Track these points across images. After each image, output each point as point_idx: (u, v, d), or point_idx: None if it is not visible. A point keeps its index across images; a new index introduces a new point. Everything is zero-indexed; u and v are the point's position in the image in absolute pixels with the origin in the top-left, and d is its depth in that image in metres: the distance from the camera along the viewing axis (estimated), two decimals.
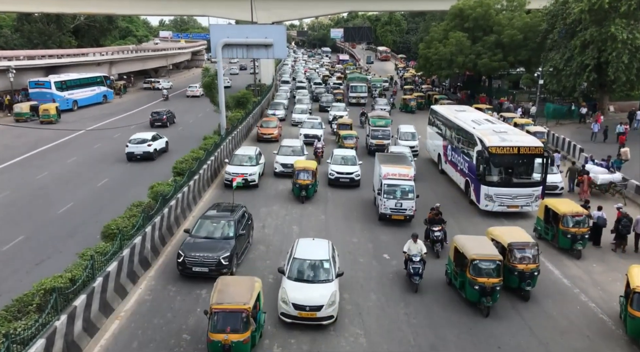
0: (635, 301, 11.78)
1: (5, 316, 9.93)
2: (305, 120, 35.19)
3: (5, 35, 64.87)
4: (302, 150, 26.57)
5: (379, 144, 29.19)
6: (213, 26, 32.34)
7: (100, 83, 52.94)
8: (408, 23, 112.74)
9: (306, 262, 13.29)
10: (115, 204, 19.99)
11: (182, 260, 14.52)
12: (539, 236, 18.24)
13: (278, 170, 25.38)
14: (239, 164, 24.01)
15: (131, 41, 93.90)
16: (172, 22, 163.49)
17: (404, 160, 21.85)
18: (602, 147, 28.91)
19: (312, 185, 21.66)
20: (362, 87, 52.64)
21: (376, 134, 30.43)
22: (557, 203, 17.72)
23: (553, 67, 39.16)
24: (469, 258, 13.23)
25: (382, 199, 19.02)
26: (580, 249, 16.81)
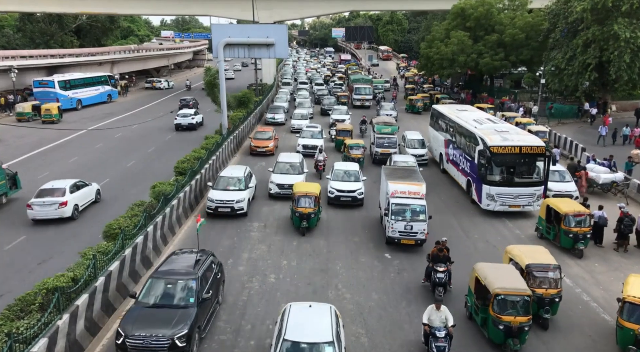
0: (625, 310, 11.44)
1: (8, 315, 9.97)
2: (304, 129, 31.74)
3: (7, 35, 65.01)
4: (302, 167, 23.33)
5: (384, 153, 26.89)
6: (214, 26, 32.36)
7: (105, 82, 53.28)
8: (410, 22, 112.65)
9: (302, 347, 9.79)
10: (117, 204, 20.03)
11: (122, 342, 10.57)
12: (541, 235, 18.23)
13: (273, 192, 22.02)
14: (224, 189, 20.07)
15: (133, 41, 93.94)
16: (174, 21, 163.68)
17: (414, 175, 19.17)
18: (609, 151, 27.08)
19: (314, 213, 18.26)
20: (367, 89, 50.48)
21: (382, 142, 27.90)
22: (558, 202, 17.66)
23: (555, 67, 39.11)
24: (492, 292, 11.41)
25: (390, 221, 16.74)
26: (582, 248, 16.77)
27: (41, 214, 19.09)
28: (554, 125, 36.47)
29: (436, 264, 14.02)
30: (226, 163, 27.01)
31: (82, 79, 50.12)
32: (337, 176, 21.95)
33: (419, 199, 17.16)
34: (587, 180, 22.72)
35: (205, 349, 11.71)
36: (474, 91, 52.53)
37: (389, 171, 19.58)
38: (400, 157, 24.89)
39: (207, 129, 35.03)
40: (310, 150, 28.33)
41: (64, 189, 19.58)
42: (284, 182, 21.85)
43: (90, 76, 51.93)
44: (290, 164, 23.13)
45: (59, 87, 45.90)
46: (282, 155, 24.31)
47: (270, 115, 40.63)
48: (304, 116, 38.82)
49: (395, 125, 30.81)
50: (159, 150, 30.89)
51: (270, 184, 22.25)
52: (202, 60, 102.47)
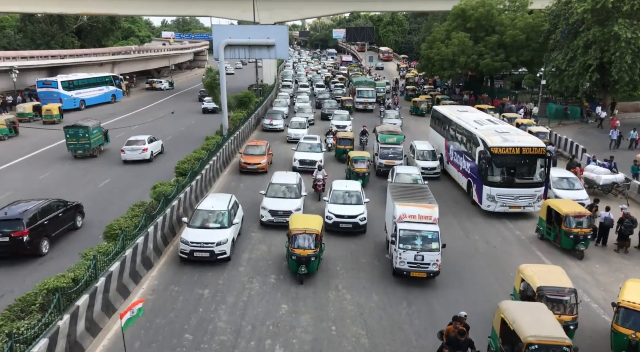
0: (620, 315, 11.24)
1: (9, 316, 9.98)
2: (302, 141, 28.06)
3: (8, 35, 65.11)
4: (299, 189, 19.92)
5: (389, 165, 24.71)
6: (215, 26, 32.37)
7: (109, 83, 53.68)
8: (410, 23, 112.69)
9: None
10: (118, 204, 20.05)
11: None
12: (541, 236, 18.23)
13: (265, 220, 18.66)
14: (201, 226, 16.12)
15: (133, 42, 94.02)
16: (175, 22, 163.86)
17: (425, 195, 16.79)
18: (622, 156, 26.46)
19: (315, 256, 14.72)
20: (370, 92, 48.18)
21: (386, 153, 25.68)
22: (559, 203, 17.65)
23: (555, 68, 39.11)
24: (524, 341, 9.53)
25: (398, 250, 14.51)
26: (582, 249, 16.75)
27: (130, 156, 28.06)
28: (555, 127, 36.47)
29: (454, 348, 10.42)
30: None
31: (86, 79, 50.47)
32: (336, 198, 18.97)
33: (431, 224, 14.95)
34: (588, 181, 22.73)
35: (206, 349, 11.73)
36: (475, 92, 52.53)
37: (396, 190, 17.07)
38: (403, 168, 22.77)
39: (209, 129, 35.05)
40: (308, 166, 25.36)
41: (144, 140, 28.79)
42: (278, 207, 18.65)
43: (94, 76, 52.32)
44: (286, 185, 19.88)
45: (62, 88, 46.27)
46: (277, 176, 20.91)
47: (268, 121, 37.89)
48: (302, 124, 35.10)
49: (400, 134, 27.70)
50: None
51: (262, 210, 18.83)
52: (203, 61, 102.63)
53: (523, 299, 12.10)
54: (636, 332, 10.80)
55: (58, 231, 17.40)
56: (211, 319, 12.95)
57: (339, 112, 38.79)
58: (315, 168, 23.32)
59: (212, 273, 15.39)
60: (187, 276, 15.21)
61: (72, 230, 18.30)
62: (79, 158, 29.01)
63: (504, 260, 16.78)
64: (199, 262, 15.83)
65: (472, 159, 21.94)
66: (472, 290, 14.68)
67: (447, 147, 26.34)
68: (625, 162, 24.63)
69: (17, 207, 16.67)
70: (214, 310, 13.36)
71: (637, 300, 11.20)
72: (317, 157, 26.23)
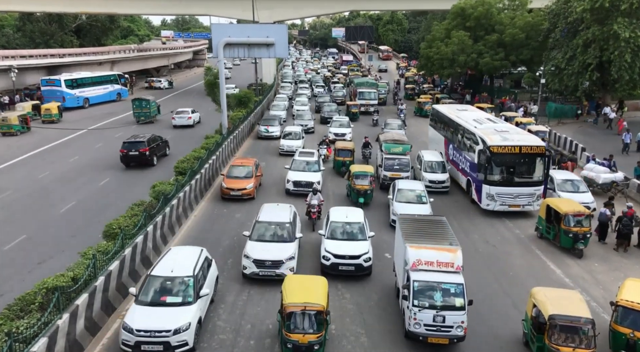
0: (619, 315, 11.18)
1: (8, 315, 9.98)
2: (296, 158, 23.80)
3: (7, 34, 65.05)
4: (294, 229, 15.83)
5: (394, 178, 22.18)
6: (214, 25, 32.38)
7: (115, 81, 54.04)
8: (410, 22, 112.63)
9: None
10: (117, 203, 20.03)
11: None
12: (541, 235, 18.25)
13: (249, 272, 14.69)
14: (154, 302, 11.65)
15: (133, 41, 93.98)
16: (174, 21, 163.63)
17: (444, 232, 13.49)
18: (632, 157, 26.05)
19: (319, 343, 10.85)
20: (372, 93, 46.27)
21: (391, 164, 23.37)
22: (558, 202, 17.66)
23: (555, 66, 39.12)
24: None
25: (411, 308, 11.50)
26: (581, 248, 16.76)
27: (179, 122, 38.14)
28: (554, 125, 36.47)
29: None
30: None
31: (90, 78, 50.87)
32: (334, 232, 15.47)
33: (453, 273, 11.97)
34: (588, 180, 22.71)
35: (205, 348, 11.73)
36: (474, 91, 52.51)
37: (407, 226, 13.69)
38: (406, 183, 20.45)
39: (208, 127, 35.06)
40: (303, 189, 21.31)
41: (189, 110, 39.23)
42: (265, 257, 14.54)
43: (98, 75, 52.75)
44: (278, 224, 15.68)
45: (65, 86, 46.72)
46: (265, 210, 16.67)
47: (264, 127, 34.79)
48: (297, 135, 30.89)
49: (407, 143, 25.11)
50: None
51: (244, 260, 14.78)
52: (202, 60, 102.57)
53: (534, 326, 11.28)
54: (634, 332, 10.77)
55: (159, 154, 28.30)
56: (210, 318, 12.94)
57: (338, 118, 35.58)
58: (310, 192, 19.33)
59: None
60: None
61: (164, 156, 28.92)
62: (141, 124, 38.47)
63: (503, 259, 16.79)
64: None
65: (472, 158, 21.94)
66: (472, 289, 14.65)
67: (446, 146, 26.33)
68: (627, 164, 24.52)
69: (138, 136, 28.03)
70: (213, 309, 13.34)
71: (635, 299, 11.16)
72: (315, 178, 22.15)
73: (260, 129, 35.18)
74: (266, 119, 36.77)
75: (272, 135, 34.19)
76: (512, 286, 14.96)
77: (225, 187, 21.63)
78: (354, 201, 20.90)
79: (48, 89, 46.59)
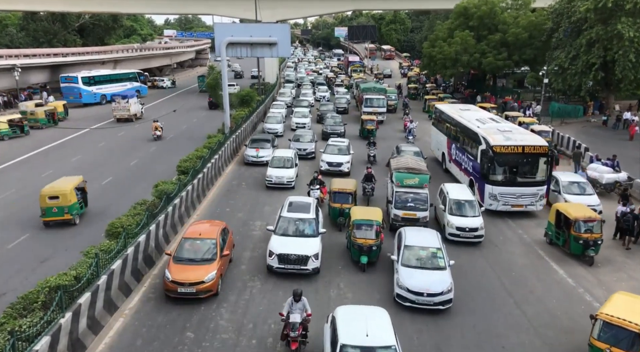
0: (597, 329, 10.62)
1: (11, 313, 10.00)
2: (283, 215, 16.20)
3: (10, 33, 65.20)
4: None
5: (408, 218, 17.77)
6: (217, 25, 32.41)
7: (134, 79, 55.69)
8: (412, 22, 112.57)
9: None
10: (120, 202, 20.06)
11: None
12: (550, 241, 17.74)
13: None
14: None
15: (136, 40, 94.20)
16: (177, 21, 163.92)
17: None
18: None
19: None
20: (380, 100, 40.69)
21: (404, 201, 18.17)
22: (568, 207, 17.12)
23: (558, 66, 38.99)
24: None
25: None
26: (592, 255, 16.19)
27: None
28: (557, 125, 36.37)
29: None
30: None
31: (108, 75, 52.65)
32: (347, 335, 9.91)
33: None
34: (591, 180, 22.63)
35: (207, 347, 11.74)
36: (477, 91, 52.41)
37: None
38: (417, 235, 14.98)
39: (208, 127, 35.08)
40: (293, 268, 14.80)
41: None
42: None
43: (117, 73, 54.73)
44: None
45: (82, 83, 48.41)
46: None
47: (252, 151, 27.19)
48: (288, 161, 23.83)
49: (425, 173, 19.17)
50: (160, 150, 30.92)
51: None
52: (205, 59, 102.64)
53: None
54: (611, 347, 10.23)
55: None
56: (213, 317, 12.96)
57: (334, 142, 27.32)
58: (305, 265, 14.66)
59: None
60: None
61: None
62: None
63: (506, 259, 16.75)
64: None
65: (474, 157, 21.89)
66: (473, 289, 14.65)
67: (449, 146, 26.28)
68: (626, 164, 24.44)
69: None
70: (215, 308, 13.37)
71: (616, 313, 10.58)
72: (309, 248, 14.94)
73: (247, 152, 27.37)
74: (256, 139, 28.66)
75: (261, 160, 26.52)
76: (514, 286, 14.93)
77: (170, 280, 13.28)
78: (355, 260, 15.70)
79: (66, 86, 48.40)
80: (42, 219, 18.61)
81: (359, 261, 15.56)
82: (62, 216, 18.49)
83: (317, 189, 20.77)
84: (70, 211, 18.53)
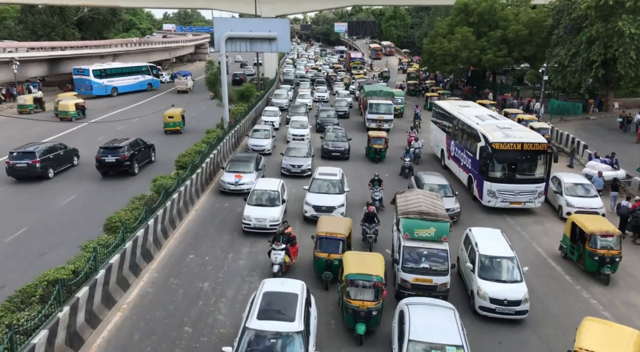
0: None
1: (9, 307, 10.00)
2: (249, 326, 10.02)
3: (9, 26, 65.05)
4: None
5: (421, 285, 12.98)
6: (217, 19, 32.30)
7: (146, 72, 56.63)
8: (412, 18, 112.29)
9: None
10: (118, 197, 20.04)
11: None
12: (565, 255, 16.33)
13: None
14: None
15: (135, 34, 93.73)
16: (176, 15, 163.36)
17: None
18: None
19: None
20: (387, 106, 35.30)
21: (415, 260, 13.29)
22: (585, 219, 15.62)
23: (558, 63, 38.92)
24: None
25: None
26: (608, 273, 14.68)
27: None
28: (556, 122, 36.35)
29: None
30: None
31: (119, 68, 53.43)
32: None
33: None
34: (589, 177, 22.65)
35: (205, 342, 11.76)
36: (477, 87, 52.37)
37: None
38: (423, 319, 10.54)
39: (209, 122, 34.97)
40: None
41: None
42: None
43: (128, 66, 55.27)
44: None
45: (93, 76, 49.39)
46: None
47: (230, 177, 21.55)
48: (273, 197, 18.17)
49: (443, 220, 13.67)
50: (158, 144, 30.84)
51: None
52: (204, 53, 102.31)
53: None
54: None
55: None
56: (211, 312, 12.98)
57: (323, 174, 20.09)
58: None
59: (212, 266, 15.41)
60: (187, 269, 15.23)
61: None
62: None
63: None
64: (199, 256, 15.86)
65: (473, 154, 21.89)
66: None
67: (448, 142, 26.27)
68: None
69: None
70: (213, 303, 13.38)
71: (595, 347, 9.36)
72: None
73: (224, 178, 21.73)
74: (235, 161, 22.89)
75: (240, 189, 20.97)
76: None
77: None
78: (350, 328, 11.94)
79: (78, 78, 49.68)
80: (164, 128, 33.38)
81: (354, 329, 11.68)
82: (175, 127, 33.45)
83: (282, 249, 14.29)
84: (179, 125, 33.56)
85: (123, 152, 23.61)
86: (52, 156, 23.97)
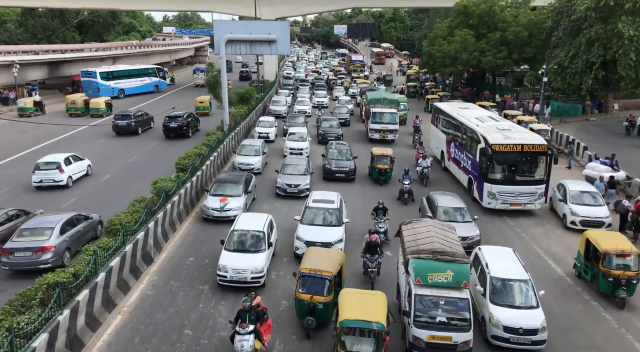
0: None
1: (9, 310, 10.00)
2: None
3: (9, 30, 65.09)
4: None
5: (441, 344, 10.65)
6: (217, 22, 32.33)
7: (153, 74, 57.07)
8: (412, 20, 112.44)
9: None
10: (119, 199, 20.04)
11: None
12: (579, 274, 15.19)
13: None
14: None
15: (135, 37, 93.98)
16: (176, 17, 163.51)
17: None
18: None
19: None
20: (392, 116, 32.48)
21: (429, 311, 10.85)
22: (599, 236, 14.44)
23: (558, 65, 38.99)
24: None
25: None
26: (623, 296, 13.46)
27: None
28: (556, 124, 36.38)
29: None
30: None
31: (127, 70, 53.77)
32: None
33: None
34: (589, 179, 22.67)
35: (206, 344, 11.75)
36: (477, 89, 52.41)
37: None
38: None
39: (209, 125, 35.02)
40: None
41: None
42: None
43: (135, 68, 55.72)
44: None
45: (100, 78, 49.82)
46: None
47: (214, 203, 18.59)
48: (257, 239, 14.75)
49: (462, 261, 11.18)
50: (160, 147, 30.88)
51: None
52: (204, 56, 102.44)
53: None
54: None
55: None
56: (211, 314, 12.97)
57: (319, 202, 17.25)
58: None
59: (212, 269, 15.39)
60: (187, 271, 15.23)
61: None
62: None
63: None
64: (200, 258, 15.86)
65: (473, 156, 21.90)
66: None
67: (447, 144, 26.28)
68: None
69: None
70: (214, 306, 13.37)
71: None
72: None
73: (207, 203, 18.84)
74: (222, 182, 19.96)
75: (230, 216, 17.97)
76: None
77: None
78: None
79: (85, 80, 50.06)
80: (196, 111, 38.42)
81: None
82: (205, 111, 40.56)
83: (250, 332, 10.59)
84: (208, 109, 40.78)
85: (182, 119, 32.43)
86: (140, 119, 33.94)
